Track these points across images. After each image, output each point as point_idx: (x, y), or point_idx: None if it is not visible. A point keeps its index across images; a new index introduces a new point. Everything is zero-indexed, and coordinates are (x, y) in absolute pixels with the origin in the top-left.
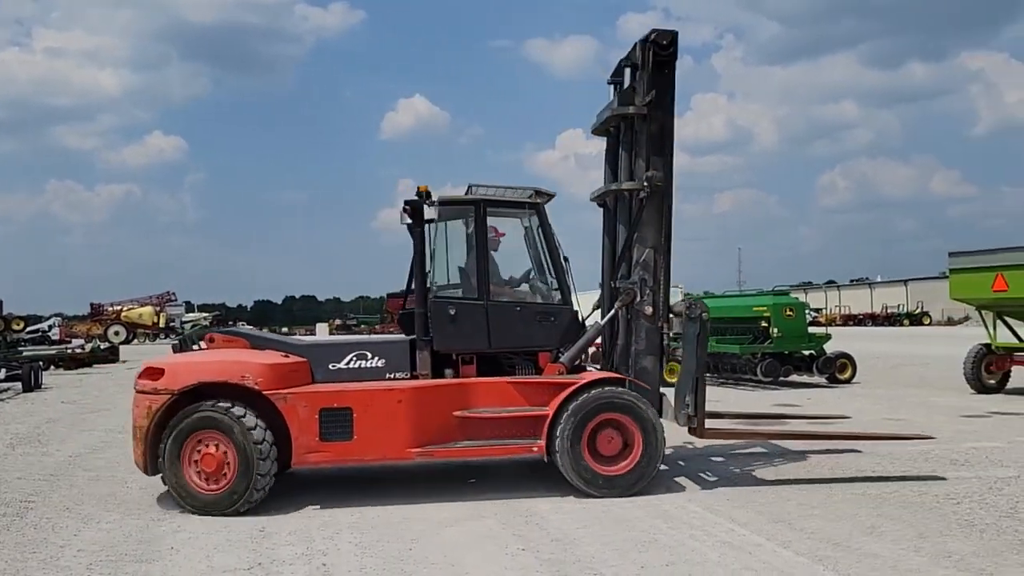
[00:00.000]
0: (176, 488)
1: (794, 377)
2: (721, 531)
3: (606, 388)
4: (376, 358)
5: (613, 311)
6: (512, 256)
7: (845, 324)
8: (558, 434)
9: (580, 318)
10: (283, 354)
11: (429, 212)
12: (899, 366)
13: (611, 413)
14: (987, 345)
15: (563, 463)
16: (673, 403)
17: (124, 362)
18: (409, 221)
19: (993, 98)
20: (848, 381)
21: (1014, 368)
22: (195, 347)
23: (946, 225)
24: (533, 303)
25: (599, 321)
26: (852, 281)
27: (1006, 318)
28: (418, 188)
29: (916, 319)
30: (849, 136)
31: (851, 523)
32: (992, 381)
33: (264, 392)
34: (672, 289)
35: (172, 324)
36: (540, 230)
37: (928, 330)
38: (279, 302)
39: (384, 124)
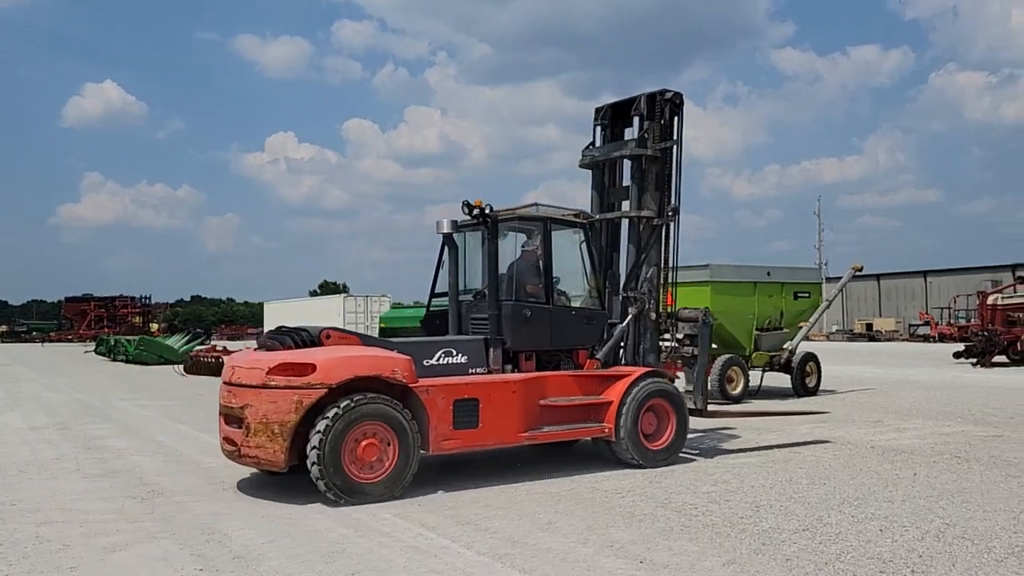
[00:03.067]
0: (332, 478)
1: None
2: (410, 536)
3: (653, 379)
4: (460, 355)
5: (630, 317)
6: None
7: None
8: (622, 417)
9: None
10: (395, 351)
11: (444, 226)
12: None
13: (657, 399)
14: None
15: (625, 442)
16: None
17: None
18: (446, 230)
19: None
20: None
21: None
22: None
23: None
24: (583, 308)
25: (620, 325)
26: None
27: None
28: (475, 203)
29: None
30: (552, 158)
31: (530, 520)
32: None
33: (410, 385)
34: (381, 298)
35: None
36: (584, 244)
37: None
38: None
39: (67, 110)
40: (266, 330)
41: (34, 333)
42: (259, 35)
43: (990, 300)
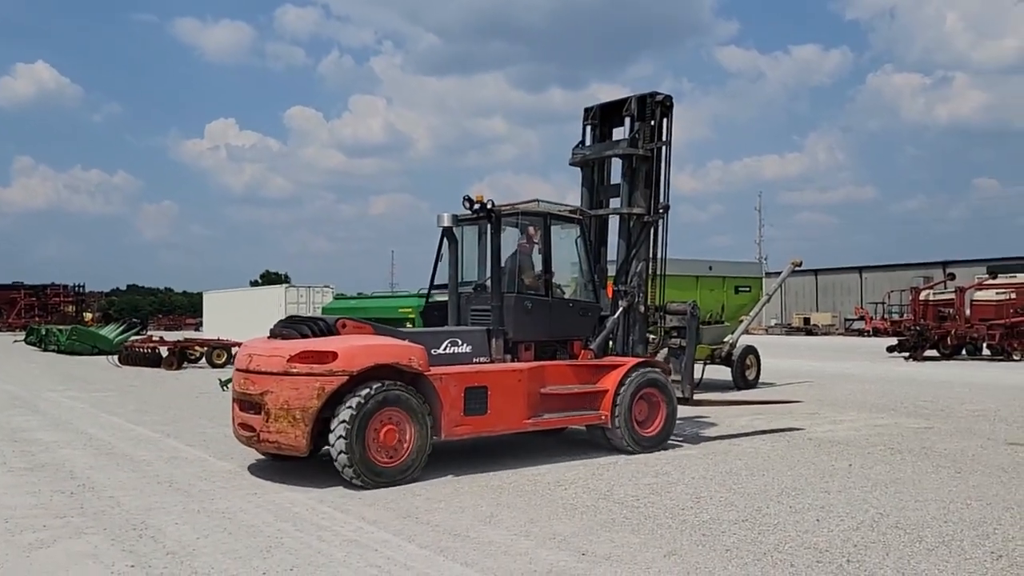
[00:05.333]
0: (358, 463)
1: None
2: (349, 530)
3: (646, 368)
4: (464, 344)
5: (620, 309)
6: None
7: None
8: (617, 405)
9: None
10: (407, 340)
11: (445, 220)
12: None
13: (648, 388)
14: None
15: (620, 428)
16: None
17: None
18: (447, 224)
19: None
20: None
21: None
22: None
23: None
24: (578, 300)
25: (612, 316)
26: None
27: None
28: (477, 198)
29: None
30: (498, 150)
31: (472, 513)
32: None
33: (425, 373)
34: (324, 289)
35: None
36: (580, 240)
37: None
38: None
39: None
40: (205, 320)
41: None
42: (199, 18)
43: (922, 296)
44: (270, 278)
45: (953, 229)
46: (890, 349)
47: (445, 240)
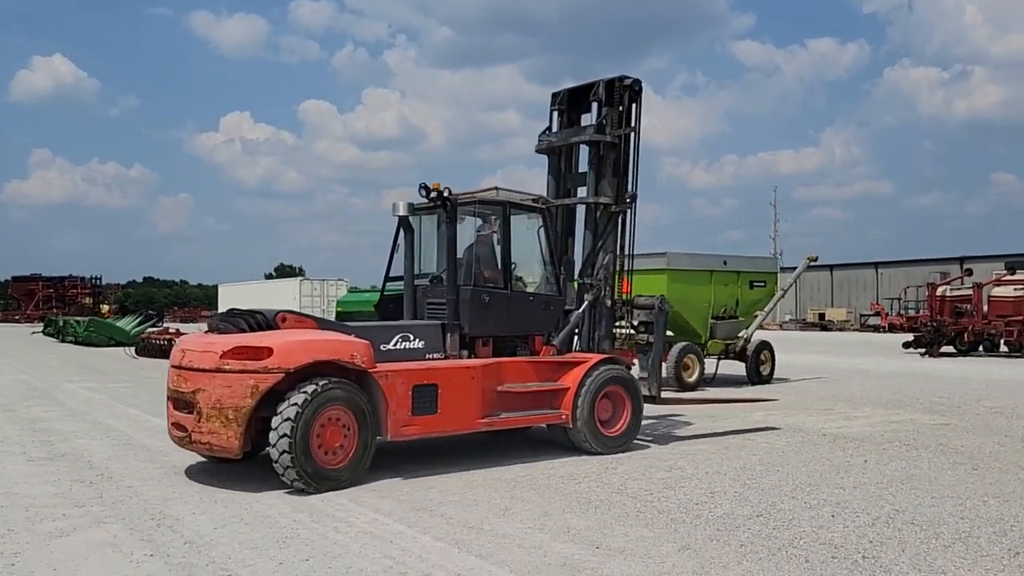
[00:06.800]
0: (303, 465)
1: None
2: (365, 522)
3: (610, 366)
4: (417, 339)
5: (586, 303)
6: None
7: None
8: (579, 404)
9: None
10: (352, 335)
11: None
12: None
13: (613, 386)
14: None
15: (581, 428)
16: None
17: None
18: (402, 213)
19: None
20: None
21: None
22: None
23: None
24: (540, 293)
25: (576, 311)
26: None
27: None
28: (433, 185)
29: None
30: (511, 144)
31: (486, 506)
32: None
33: (369, 371)
34: (338, 282)
35: None
36: (542, 230)
37: None
38: None
39: (15, 84)
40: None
41: None
42: (214, 12)
43: (939, 292)
44: (284, 271)
45: (971, 224)
46: (906, 345)
47: (401, 230)
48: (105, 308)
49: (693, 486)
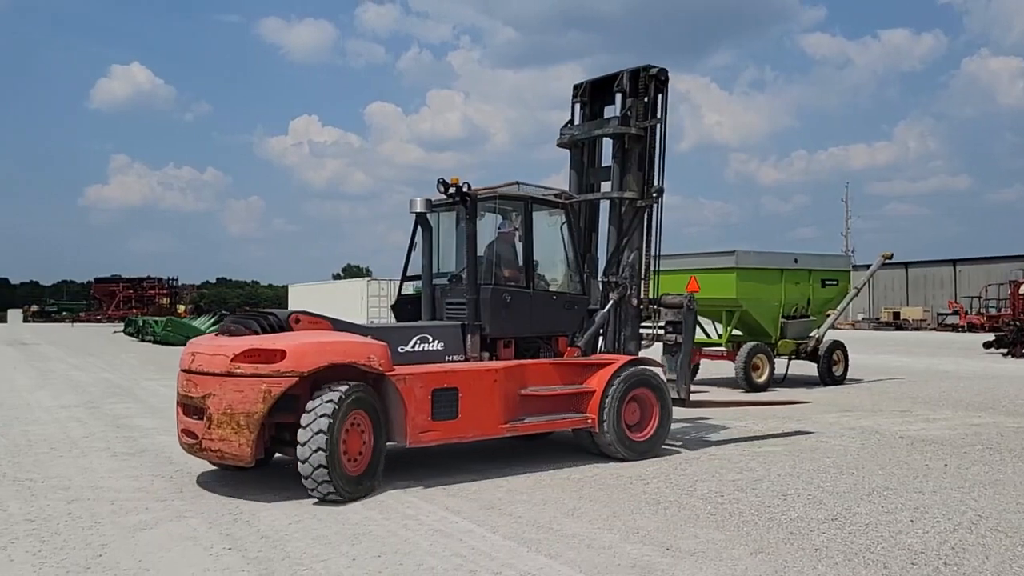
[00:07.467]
0: (337, 477)
1: None
2: (434, 519)
3: (638, 367)
4: (436, 341)
5: (611, 302)
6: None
7: None
8: (605, 408)
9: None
10: (369, 337)
11: (420, 206)
12: None
13: (640, 388)
14: None
15: (608, 433)
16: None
17: None
18: (419, 210)
19: (696, 118)
20: None
21: (702, 361)
22: None
23: None
24: (563, 292)
25: (601, 311)
26: None
27: (697, 316)
28: (452, 180)
29: None
30: None
31: (555, 506)
32: None
33: (386, 373)
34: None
35: None
36: (565, 226)
37: None
38: None
39: (95, 92)
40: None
41: (64, 313)
42: (284, 18)
43: (1021, 289)
44: (352, 271)
45: None
46: (987, 345)
47: (419, 227)
48: (181, 308)
49: (765, 488)
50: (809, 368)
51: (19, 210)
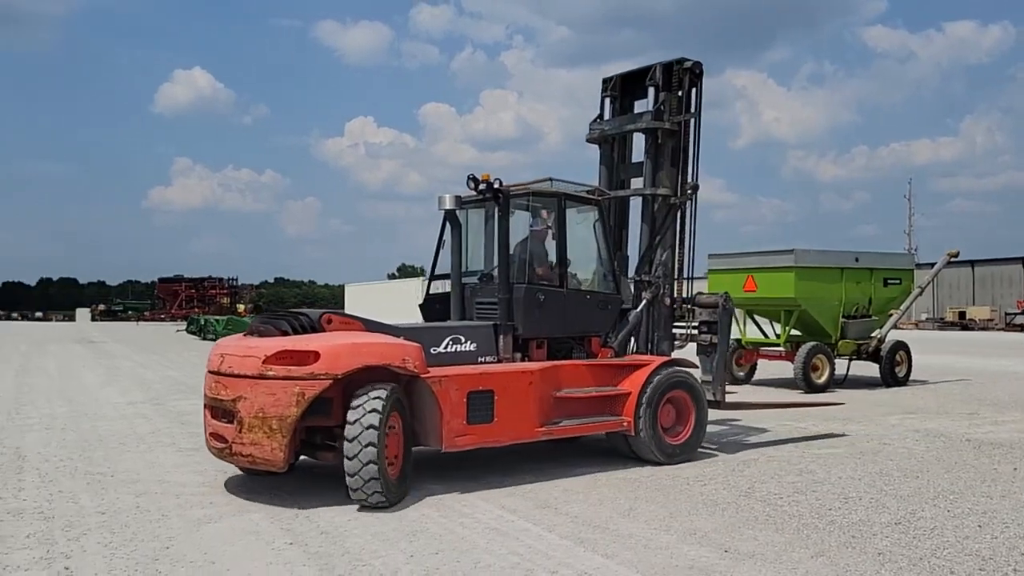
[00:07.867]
0: (387, 480)
1: None
2: (490, 518)
3: (673, 368)
4: (469, 342)
5: (644, 302)
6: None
7: None
8: (641, 411)
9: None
10: (401, 338)
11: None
12: None
13: (676, 391)
14: (737, 340)
15: (644, 436)
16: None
17: None
18: (449, 207)
19: (753, 115)
20: None
21: (760, 361)
22: None
23: (710, 229)
24: (597, 292)
25: (635, 310)
26: None
27: (755, 316)
28: (483, 177)
29: None
30: None
31: (611, 506)
32: (741, 373)
33: (421, 375)
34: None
35: None
36: (598, 223)
37: None
38: (32, 284)
39: (159, 96)
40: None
41: (129, 312)
42: (339, 20)
43: None
44: (406, 271)
45: None
46: None
47: (448, 225)
48: (241, 307)
49: (825, 491)
50: (871, 369)
51: (86, 212)
